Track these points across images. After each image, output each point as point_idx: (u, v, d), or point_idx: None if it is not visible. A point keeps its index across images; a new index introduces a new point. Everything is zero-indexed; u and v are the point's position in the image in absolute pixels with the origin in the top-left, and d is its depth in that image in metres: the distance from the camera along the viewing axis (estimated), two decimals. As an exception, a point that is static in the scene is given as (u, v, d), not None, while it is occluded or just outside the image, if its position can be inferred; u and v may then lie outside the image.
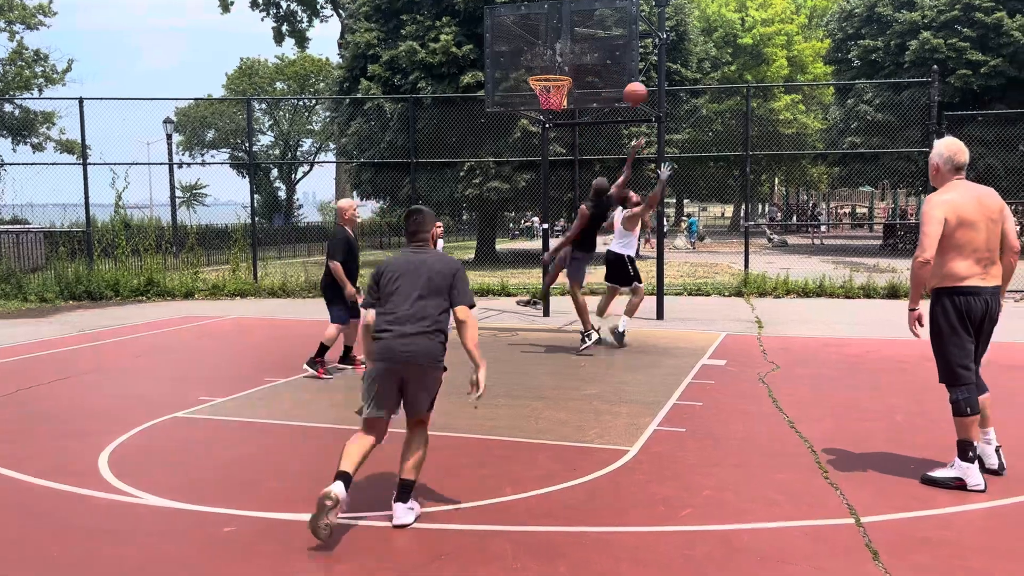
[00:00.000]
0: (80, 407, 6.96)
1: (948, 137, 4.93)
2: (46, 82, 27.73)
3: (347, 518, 4.34)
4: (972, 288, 4.61)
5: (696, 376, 7.86)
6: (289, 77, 44.44)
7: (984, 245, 4.62)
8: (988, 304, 4.64)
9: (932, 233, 4.56)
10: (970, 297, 4.61)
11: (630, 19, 10.55)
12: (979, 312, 4.64)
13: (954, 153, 4.75)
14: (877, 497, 4.56)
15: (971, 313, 4.63)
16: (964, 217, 4.58)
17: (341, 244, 8.09)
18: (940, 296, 4.71)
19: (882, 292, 13.92)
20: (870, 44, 25.51)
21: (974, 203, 4.63)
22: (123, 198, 16.52)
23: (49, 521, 4.41)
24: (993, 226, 4.64)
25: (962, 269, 4.61)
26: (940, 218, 4.58)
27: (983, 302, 4.63)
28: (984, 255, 4.62)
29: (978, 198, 4.66)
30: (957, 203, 4.62)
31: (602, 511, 4.42)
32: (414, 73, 22.10)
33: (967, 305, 4.62)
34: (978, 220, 4.60)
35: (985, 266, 4.63)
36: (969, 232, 4.59)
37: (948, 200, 4.64)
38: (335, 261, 8.01)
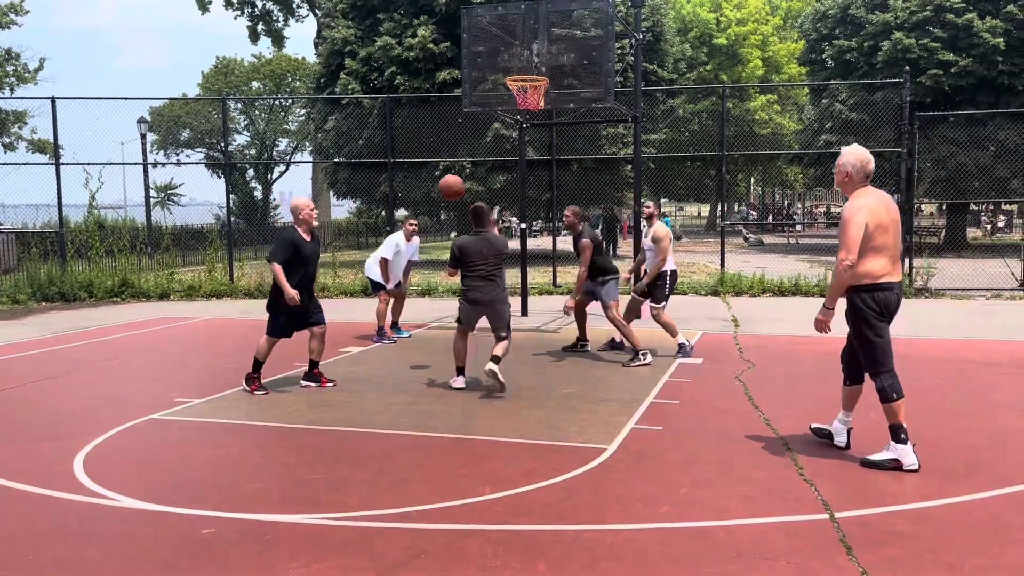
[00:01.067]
0: (54, 410, 6.89)
1: (855, 146, 5.23)
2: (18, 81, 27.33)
3: (326, 517, 4.34)
4: (888, 284, 5.02)
5: (673, 374, 7.92)
6: (265, 76, 44.12)
7: (893, 244, 5.06)
8: (898, 296, 5.12)
9: (856, 237, 4.92)
10: (887, 292, 5.02)
11: (606, 20, 10.59)
12: (894, 305, 5.08)
13: (865, 162, 5.09)
14: (851, 492, 4.63)
15: (888, 306, 5.06)
16: (879, 221, 4.97)
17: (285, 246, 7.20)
18: (860, 293, 5.04)
19: (856, 290, 14.07)
20: (844, 44, 25.77)
21: (883, 207, 5.03)
22: (97, 198, 16.38)
23: (24, 524, 4.36)
24: (896, 227, 5.08)
25: (878, 268, 5.00)
26: (862, 223, 4.94)
27: (896, 295, 5.08)
28: (893, 253, 5.07)
29: (885, 203, 5.06)
30: (873, 208, 4.98)
31: (580, 509, 4.45)
32: (391, 68, 22.05)
33: (885, 300, 5.03)
34: (889, 223, 5.02)
35: (894, 263, 5.08)
36: (883, 234, 4.99)
37: (865, 205, 4.99)
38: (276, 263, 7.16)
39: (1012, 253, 18.11)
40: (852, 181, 5.10)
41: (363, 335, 10.54)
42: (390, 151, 16.54)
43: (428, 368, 8.41)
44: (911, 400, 6.77)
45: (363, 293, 15.33)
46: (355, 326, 11.43)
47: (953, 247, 23.04)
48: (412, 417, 6.42)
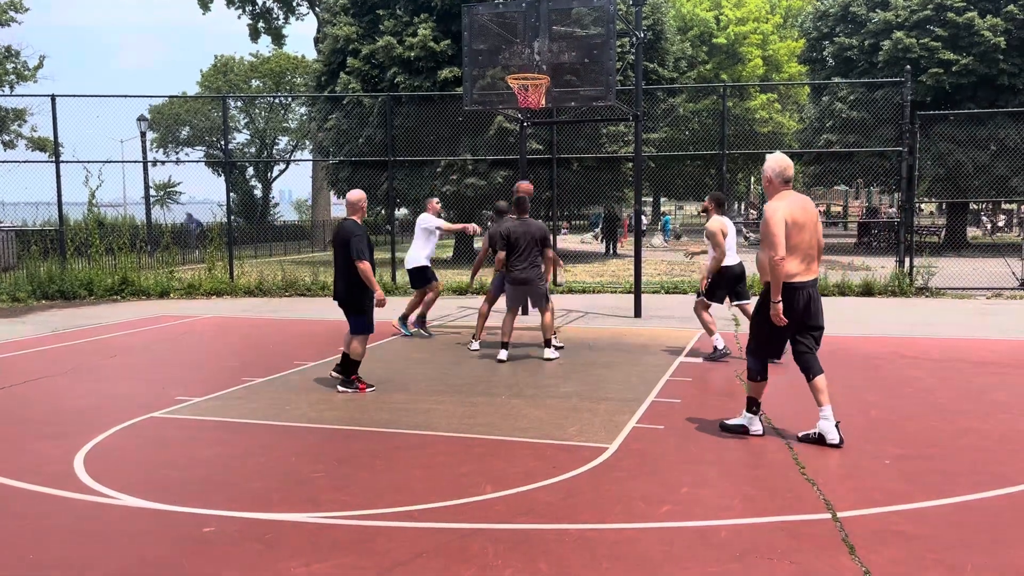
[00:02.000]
0: (54, 408, 6.88)
1: (778, 153, 5.63)
2: (17, 79, 27.30)
3: (328, 516, 4.34)
4: (798, 284, 5.41)
5: (674, 373, 7.91)
6: (265, 75, 44.06)
7: (807, 244, 5.42)
8: (810, 295, 5.47)
9: (781, 234, 5.32)
10: (796, 291, 5.41)
11: (607, 18, 10.58)
12: (802, 302, 5.44)
13: (784, 168, 5.50)
14: (853, 492, 4.62)
15: (796, 304, 5.42)
16: (796, 221, 5.35)
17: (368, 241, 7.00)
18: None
19: (856, 290, 14.08)
20: (845, 43, 25.75)
21: (801, 209, 5.40)
22: (96, 196, 16.35)
23: (24, 523, 4.35)
24: (814, 228, 5.45)
25: (791, 267, 5.37)
26: (782, 221, 5.32)
27: (806, 294, 5.44)
28: (807, 252, 5.44)
29: (802, 205, 5.44)
30: (791, 209, 5.36)
31: (582, 508, 4.44)
32: (392, 68, 22.04)
33: (793, 298, 5.40)
34: (805, 223, 5.39)
35: (808, 263, 5.44)
36: (799, 233, 5.36)
37: (782, 206, 5.37)
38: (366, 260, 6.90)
39: (1012, 252, 18.11)
40: (773, 185, 5.52)
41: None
42: (391, 150, 16.53)
43: (429, 367, 8.40)
44: (912, 400, 6.78)
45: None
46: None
47: (953, 246, 23.03)
48: (413, 416, 6.42)
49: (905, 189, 14.34)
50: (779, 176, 5.49)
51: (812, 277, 5.48)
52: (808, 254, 5.43)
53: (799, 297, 5.41)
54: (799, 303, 5.42)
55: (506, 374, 8.02)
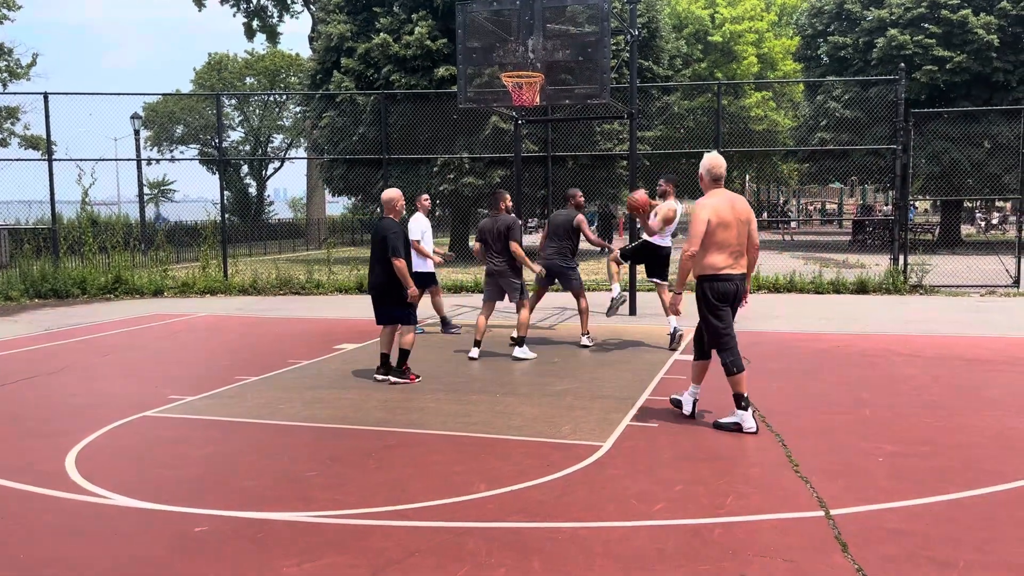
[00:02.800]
0: (47, 407, 6.86)
1: (712, 152, 6.00)
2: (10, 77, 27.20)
3: (321, 515, 4.32)
4: (727, 276, 5.78)
5: (668, 371, 7.91)
6: (259, 72, 43.96)
7: (735, 240, 5.76)
8: (737, 287, 5.84)
9: (699, 232, 5.70)
10: (726, 283, 5.78)
11: (602, 16, 10.57)
12: (731, 293, 5.82)
13: (714, 167, 5.84)
14: (846, 490, 4.62)
15: (727, 295, 5.81)
16: (723, 219, 5.70)
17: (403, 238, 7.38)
18: (703, 283, 5.85)
19: (851, 287, 14.10)
20: (839, 41, 25.77)
21: (729, 207, 5.74)
22: (90, 195, 16.29)
23: (16, 523, 4.33)
24: (742, 226, 5.78)
25: (720, 261, 5.75)
26: (705, 219, 5.68)
27: (734, 285, 5.81)
28: (735, 249, 5.78)
29: (731, 202, 5.77)
30: (717, 206, 5.72)
31: (575, 506, 4.44)
32: (387, 67, 22.00)
33: (724, 289, 5.79)
34: (732, 220, 5.72)
35: (736, 258, 5.80)
36: (725, 230, 5.71)
37: (709, 204, 5.74)
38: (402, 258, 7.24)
39: (1006, 250, 18.14)
40: (705, 183, 5.88)
41: (359, 332, 10.52)
42: (385, 148, 16.50)
43: (424, 366, 8.38)
44: (906, 398, 6.79)
45: (357, 290, 15.29)
46: (349, 323, 11.41)
47: (947, 244, 23.09)
48: (406, 415, 6.40)
49: (899, 187, 14.37)
50: (709, 174, 5.84)
51: (740, 271, 5.84)
52: (736, 250, 5.79)
53: (728, 288, 5.79)
54: (731, 293, 5.81)
55: (500, 372, 8.01)
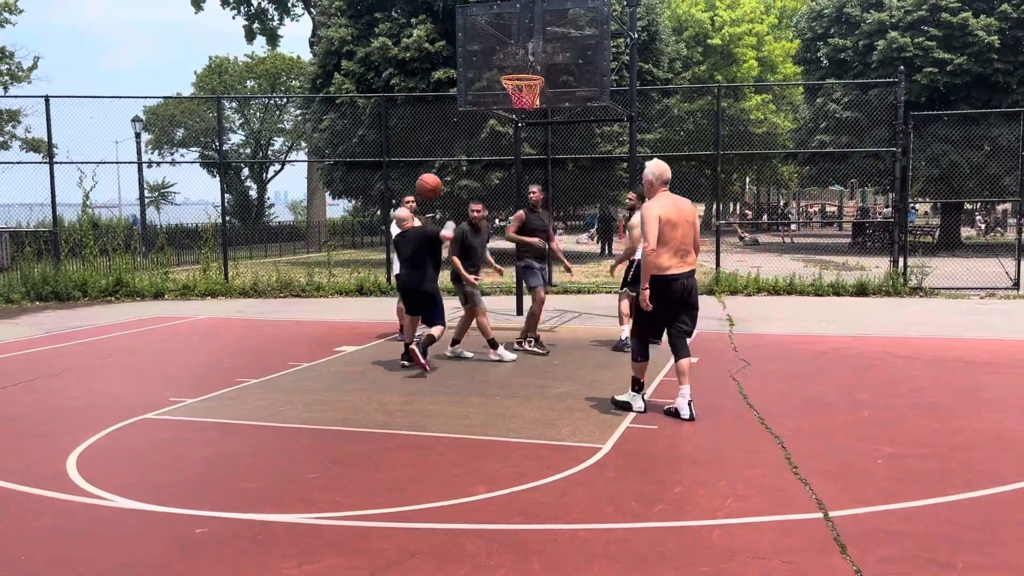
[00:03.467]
0: (48, 409, 6.87)
1: (655, 159, 6.32)
2: (11, 80, 27.24)
3: (321, 517, 4.33)
4: (671, 276, 6.04)
5: (668, 373, 7.90)
6: (260, 75, 43.99)
7: (680, 240, 6.04)
8: (683, 284, 6.10)
9: (654, 230, 5.98)
10: (670, 282, 6.04)
11: (601, 19, 10.59)
12: (677, 292, 6.09)
13: (661, 172, 6.16)
14: (845, 491, 4.63)
15: (671, 294, 6.07)
16: (670, 219, 6.00)
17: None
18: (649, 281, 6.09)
19: (851, 290, 14.11)
20: (839, 44, 25.81)
21: (674, 208, 6.05)
22: (91, 197, 16.34)
23: (17, 524, 4.34)
24: (688, 227, 6.09)
25: (664, 261, 6.01)
26: (656, 219, 5.97)
27: (679, 284, 6.08)
28: (679, 248, 6.06)
29: (677, 205, 6.08)
30: (665, 208, 6.03)
31: (575, 508, 4.45)
32: (387, 69, 22.04)
33: (668, 288, 6.04)
34: (678, 221, 6.03)
35: (682, 257, 6.08)
36: (671, 230, 6.01)
37: (657, 206, 6.03)
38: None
39: (1006, 252, 18.16)
40: (653, 187, 6.17)
41: (360, 334, 10.53)
42: (385, 150, 16.52)
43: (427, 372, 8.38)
44: (905, 400, 6.80)
45: (358, 292, 15.31)
46: (350, 325, 11.42)
47: (947, 246, 23.10)
48: (406, 417, 6.41)
49: (899, 189, 14.38)
50: (658, 179, 6.14)
51: (687, 269, 6.12)
52: (681, 249, 6.07)
53: (673, 287, 6.06)
54: (674, 292, 6.07)
55: (500, 375, 8.02)
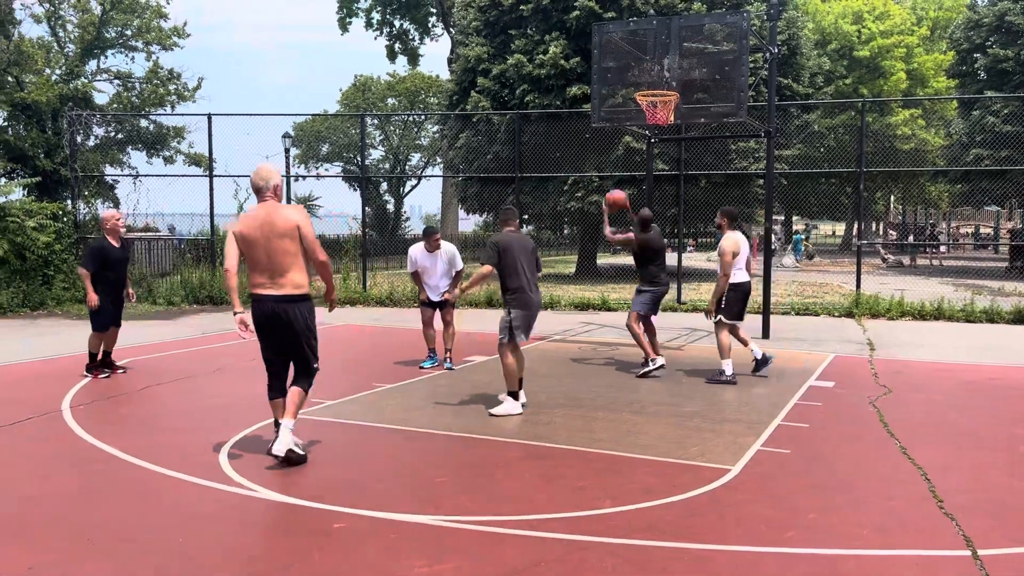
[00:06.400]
0: (202, 404, 7.39)
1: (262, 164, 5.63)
2: (178, 99, 29.45)
3: (449, 520, 4.47)
4: (258, 296, 5.42)
5: (803, 397, 7.66)
6: (400, 93, 45.69)
7: (266, 261, 5.36)
8: (272, 309, 5.41)
9: (229, 246, 5.46)
10: (257, 303, 5.44)
11: (740, 34, 10.42)
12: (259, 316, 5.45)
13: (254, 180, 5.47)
14: (996, 530, 4.36)
15: (256, 318, 5.47)
16: (245, 236, 5.37)
17: (94, 253, 8.51)
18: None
19: (1007, 317, 13.18)
20: (999, 54, 24.24)
21: (256, 225, 5.35)
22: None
23: (176, 510, 4.71)
24: (266, 243, 5.32)
25: (253, 281, 5.45)
26: (233, 238, 5.43)
27: (267, 307, 5.41)
28: (269, 268, 5.38)
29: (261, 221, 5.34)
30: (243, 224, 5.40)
31: (702, 528, 4.39)
32: (522, 86, 22.42)
33: (257, 310, 5.46)
34: (257, 239, 5.34)
35: (271, 278, 5.39)
36: (251, 250, 5.37)
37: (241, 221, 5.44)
38: (83, 269, 8.49)
39: None
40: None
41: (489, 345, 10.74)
42: (517, 166, 16.80)
43: (552, 380, 8.47)
44: (1068, 435, 6.29)
45: (487, 305, 15.61)
46: (479, 336, 11.66)
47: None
48: (532, 428, 6.50)
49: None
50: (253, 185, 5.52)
51: (275, 292, 5.40)
52: (268, 269, 5.40)
53: (261, 309, 5.44)
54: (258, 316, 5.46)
55: (627, 391, 7.99)
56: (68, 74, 27.43)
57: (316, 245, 5.44)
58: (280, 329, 5.49)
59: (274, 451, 5.40)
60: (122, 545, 4.18)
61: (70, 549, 4.12)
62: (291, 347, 5.60)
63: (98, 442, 6.07)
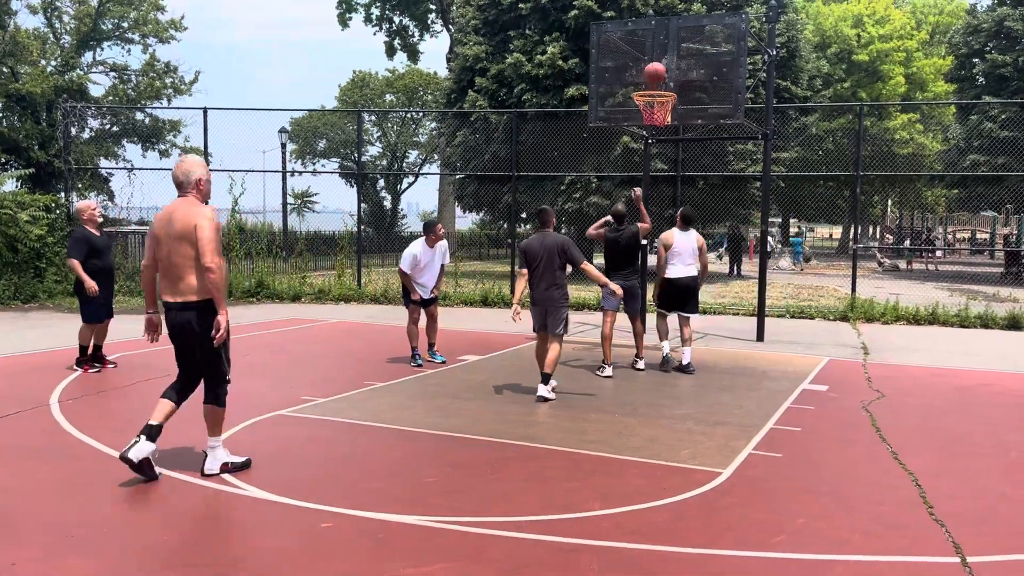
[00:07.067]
0: (191, 401, 7.32)
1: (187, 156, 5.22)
2: (174, 92, 29.39)
3: (438, 521, 4.44)
4: (163, 303, 4.96)
5: (795, 401, 7.65)
6: (399, 90, 45.59)
7: (167, 262, 4.90)
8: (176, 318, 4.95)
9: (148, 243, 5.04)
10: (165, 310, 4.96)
11: (738, 35, 10.39)
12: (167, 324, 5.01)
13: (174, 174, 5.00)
14: (986, 536, 4.34)
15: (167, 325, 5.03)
16: (155, 232, 4.95)
17: (79, 241, 8.47)
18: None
19: (1002, 323, 13.18)
20: (998, 59, 24.26)
21: (163, 220, 4.92)
22: (239, 203, 17.32)
23: (162, 507, 4.67)
24: (169, 241, 4.87)
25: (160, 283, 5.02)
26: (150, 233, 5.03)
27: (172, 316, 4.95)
28: (170, 271, 4.91)
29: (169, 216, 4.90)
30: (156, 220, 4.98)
31: (691, 532, 4.36)
32: (520, 85, 22.38)
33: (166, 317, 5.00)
34: (163, 237, 4.90)
35: (173, 283, 4.90)
36: (158, 248, 4.93)
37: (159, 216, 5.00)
38: (73, 259, 8.40)
39: None
40: None
41: (483, 344, 10.71)
42: (514, 165, 16.77)
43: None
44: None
45: (482, 303, 15.57)
46: (473, 335, 11.63)
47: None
48: (524, 428, 6.47)
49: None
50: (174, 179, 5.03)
51: (175, 299, 4.90)
52: (169, 273, 4.90)
53: (167, 317, 4.99)
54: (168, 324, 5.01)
55: (620, 392, 7.97)
56: (64, 66, 27.36)
57: (208, 247, 4.79)
58: (182, 339, 5.03)
59: (206, 471, 5.13)
60: (106, 542, 4.15)
61: (54, 545, 4.09)
62: (194, 359, 5.10)
63: (85, 437, 6.03)
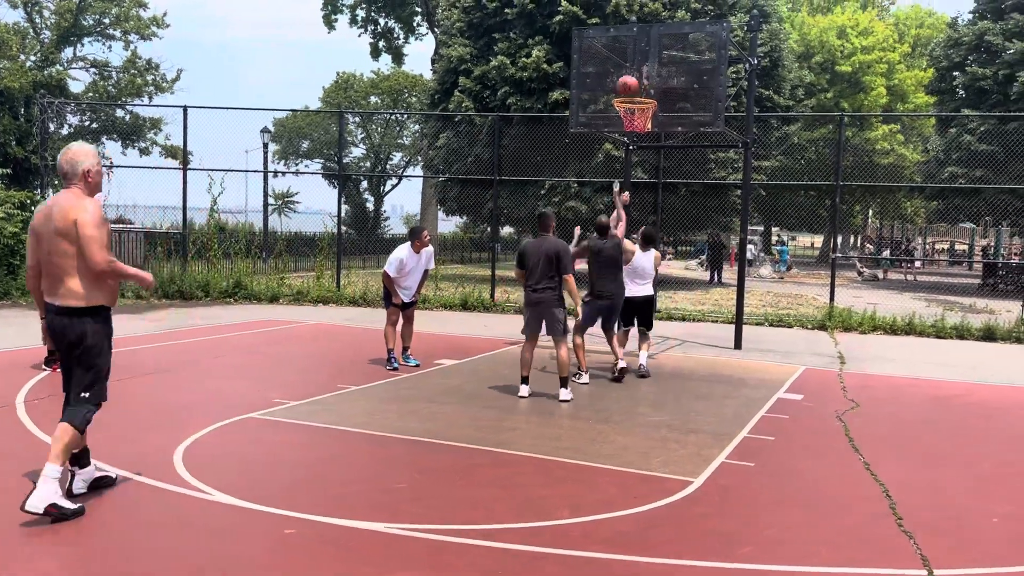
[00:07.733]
0: (161, 402, 7.24)
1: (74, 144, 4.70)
2: (156, 90, 29.13)
3: (405, 528, 4.39)
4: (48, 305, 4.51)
5: (770, 409, 7.65)
6: (383, 91, 45.46)
7: (46, 261, 4.48)
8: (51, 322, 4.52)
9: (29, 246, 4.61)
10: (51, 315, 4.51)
11: (719, 44, 10.43)
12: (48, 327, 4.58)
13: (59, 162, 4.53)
14: (954, 549, 4.34)
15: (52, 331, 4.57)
16: (34, 228, 4.55)
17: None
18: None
19: (977, 333, 13.28)
20: (977, 72, 24.51)
21: (42, 216, 4.50)
22: (218, 203, 17.17)
23: (125, 511, 4.59)
24: (50, 239, 4.43)
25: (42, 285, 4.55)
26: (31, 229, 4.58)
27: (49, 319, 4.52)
28: (49, 271, 4.48)
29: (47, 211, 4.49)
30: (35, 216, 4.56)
31: (659, 541, 4.34)
32: (503, 88, 22.37)
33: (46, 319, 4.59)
34: (42, 234, 4.48)
35: (52, 283, 4.47)
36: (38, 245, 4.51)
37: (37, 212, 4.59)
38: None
39: None
40: None
41: (460, 349, 10.66)
42: (496, 169, 16.73)
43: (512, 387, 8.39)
44: (1029, 455, 6.31)
45: (461, 307, 15.52)
46: (451, 339, 11.57)
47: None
48: (497, 434, 6.43)
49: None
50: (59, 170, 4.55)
51: (54, 302, 4.46)
52: (47, 272, 4.49)
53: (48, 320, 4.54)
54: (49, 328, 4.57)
55: (596, 398, 7.94)
56: (43, 61, 27.06)
57: (93, 245, 4.33)
58: (60, 345, 4.56)
59: (27, 507, 4.24)
60: (66, 549, 4.06)
61: (15, 551, 3.99)
62: (69, 369, 4.63)
63: (50, 439, 5.92)
